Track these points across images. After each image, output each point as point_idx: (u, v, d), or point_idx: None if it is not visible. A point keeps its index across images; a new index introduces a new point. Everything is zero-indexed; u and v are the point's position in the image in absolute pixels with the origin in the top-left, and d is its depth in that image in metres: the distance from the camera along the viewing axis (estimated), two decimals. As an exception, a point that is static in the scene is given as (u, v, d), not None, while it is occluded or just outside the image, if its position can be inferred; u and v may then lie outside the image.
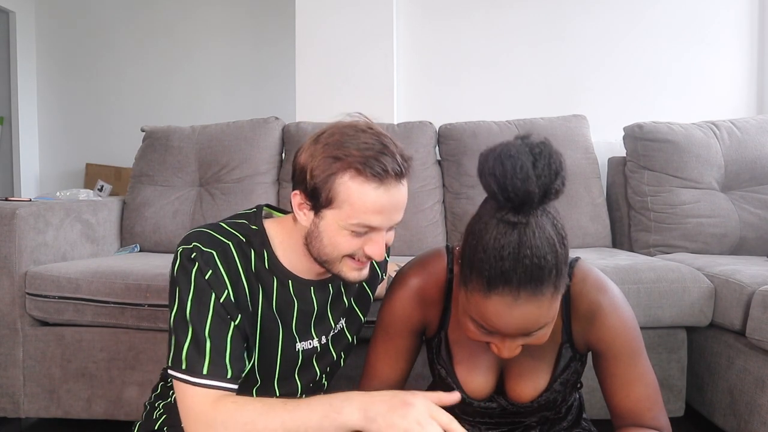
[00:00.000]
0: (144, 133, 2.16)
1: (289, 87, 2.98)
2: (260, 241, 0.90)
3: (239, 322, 0.84)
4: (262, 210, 0.96)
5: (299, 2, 2.50)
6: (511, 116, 2.18)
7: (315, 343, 0.97)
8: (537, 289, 0.72)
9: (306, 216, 0.85)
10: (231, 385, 0.80)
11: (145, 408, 1.00)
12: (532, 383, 0.92)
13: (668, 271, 1.44)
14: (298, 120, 2.32)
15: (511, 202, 0.71)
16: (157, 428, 0.93)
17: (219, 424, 0.76)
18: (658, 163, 1.93)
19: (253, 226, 0.91)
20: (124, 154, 3.29)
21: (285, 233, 0.91)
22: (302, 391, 0.98)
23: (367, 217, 0.80)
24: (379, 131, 0.83)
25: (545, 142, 0.74)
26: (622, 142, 2.08)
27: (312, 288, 0.94)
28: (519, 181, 0.70)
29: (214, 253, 0.83)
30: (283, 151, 2.12)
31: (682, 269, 1.46)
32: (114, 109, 3.90)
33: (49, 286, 1.49)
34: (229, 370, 0.80)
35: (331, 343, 1.00)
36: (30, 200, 1.80)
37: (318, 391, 1.04)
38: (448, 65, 2.59)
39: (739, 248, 1.87)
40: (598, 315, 0.88)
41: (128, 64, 3.89)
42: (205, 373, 0.79)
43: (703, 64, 2.49)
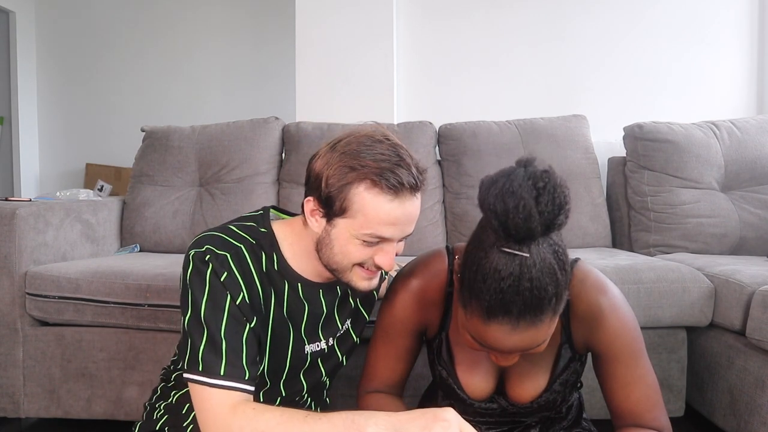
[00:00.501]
0: (144, 133, 2.16)
1: (289, 87, 2.98)
2: (270, 243, 0.89)
3: (254, 324, 0.84)
4: (269, 212, 0.95)
5: (299, 2, 2.50)
6: (511, 116, 2.18)
7: (323, 344, 0.97)
8: (536, 317, 0.72)
9: (318, 223, 0.85)
10: (248, 386, 0.80)
11: (145, 408, 1.00)
12: (532, 384, 0.92)
13: (668, 271, 1.44)
14: (298, 120, 2.32)
15: (513, 238, 0.71)
16: (158, 428, 0.93)
17: (236, 430, 0.75)
18: (658, 163, 1.93)
19: (262, 229, 0.90)
20: (124, 154, 3.29)
21: (294, 236, 0.91)
22: (307, 391, 0.99)
23: (380, 228, 0.80)
24: (395, 142, 0.83)
25: (549, 171, 0.72)
26: (622, 142, 2.08)
27: (321, 291, 0.94)
28: (521, 219, 0.69)
29: (228, 256, 0.83)
30: (283, 151, 2.12)
31: (682, 269, 1.46)
32: (114, 109, 3.89)
33: (49, 286, 1.49)
34: (247, 372, 0.80)
35: (337, 345, 1.00)
36: (30, 200, 1.80)
37: (321, 389, 1.05)
38: (448, 65, 2.59)
39: (739, 248, 1.87)
40: (597, 316, 0.87)
41: (128, 64, 3.88)
42: (223, 374, 0.78)
43: (703, 64, 2.49)
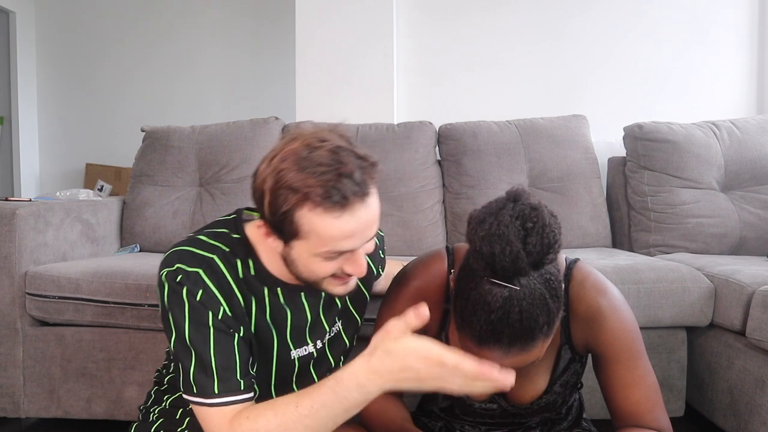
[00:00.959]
0: (144, 133, 2.16)
1: (289, 87, 2.97)
2: (244, 249, 0.86)
3: (243, 333, 0.83)
4: (242, 214, 0.91)
5: (299, 3, 2.50)
6: (511, 116, 2.18)
7: (310, 348, 0.94)
8: (527, 344, 0.72)
9: (276, 244, 0.81)
10: (245, 396, 0.80)
11: (140, 411, 1.00)
12: (532, 385, 0.92)
13: (668, 271, 1.44)
14: (298, 120, 2.32)
15: (500, 277, 0.71)
16: (153, 431, 0.93)
17: None
18: (658, 163, 1.93)
19: (234, 235, 0.86)
20: (124, 154, 3.28)
21: None
22: None
23: (337, 244, 0.76)
24: (335, 144, 0.75)
25: (539, 209, 0.71)
26: (622, 142, 2.07)
27: (302, 293, 0.91)
28: (508, 262, 0.69)
29: (200, 272, 0.80)
30: (283, 151, 2.11)
31: (682, 269, 1.46)
32: (114, 109, 3.89)
33: (49, 286, 1.48)
34: (241, 383, 0.80)
35: (328, 348, 0.98)
36: (30, 200, 1.80)
37: None
38: (448, 65, 2.59)
39: (739, 248, 1.86)
40: (597, 318, 0.87)
41: (128, 64, 3.88)
42: (217, 392, 0.78)
43: (703, 64, 2.49)
